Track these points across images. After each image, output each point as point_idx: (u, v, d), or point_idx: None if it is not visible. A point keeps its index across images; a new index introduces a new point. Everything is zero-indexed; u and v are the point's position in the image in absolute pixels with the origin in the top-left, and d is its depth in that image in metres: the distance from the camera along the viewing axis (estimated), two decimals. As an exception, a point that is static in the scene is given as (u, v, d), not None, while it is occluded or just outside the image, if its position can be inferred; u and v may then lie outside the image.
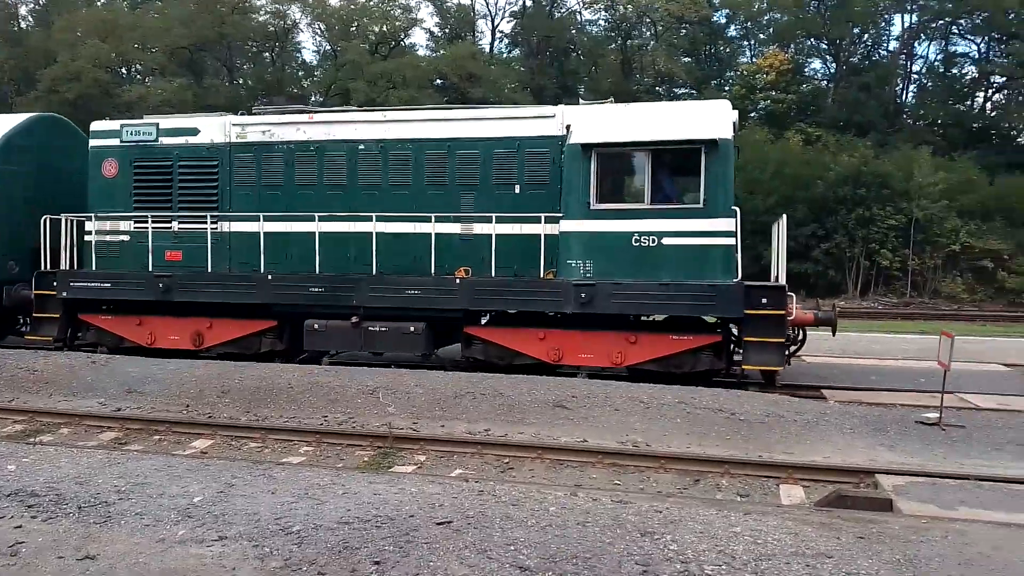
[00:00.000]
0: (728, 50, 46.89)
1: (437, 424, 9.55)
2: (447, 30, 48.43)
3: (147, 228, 13.36)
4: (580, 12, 47.26)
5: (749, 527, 5.63)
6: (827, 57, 44.64)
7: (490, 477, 7.80)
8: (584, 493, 6.61)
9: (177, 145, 13.63)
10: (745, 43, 46.93)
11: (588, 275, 11.56)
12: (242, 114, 14.32)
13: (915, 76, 43.72)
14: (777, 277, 11.78)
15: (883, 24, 43.66)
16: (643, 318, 12.07)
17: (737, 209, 11.29)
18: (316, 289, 12.56)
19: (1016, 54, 37.44)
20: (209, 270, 13.10)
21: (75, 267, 13.83)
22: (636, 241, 11.41)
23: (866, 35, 43.92)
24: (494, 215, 12.00)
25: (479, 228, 12.27)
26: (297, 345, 13.25)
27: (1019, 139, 40.09)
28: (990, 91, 42.55)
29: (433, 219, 12.20)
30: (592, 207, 11.53)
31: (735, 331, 11.84)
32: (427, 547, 5.20)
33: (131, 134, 13.83)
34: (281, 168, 13.24)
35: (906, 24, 42.55)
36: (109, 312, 13.89)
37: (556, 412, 9.69)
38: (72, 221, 13.79)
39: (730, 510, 6.14)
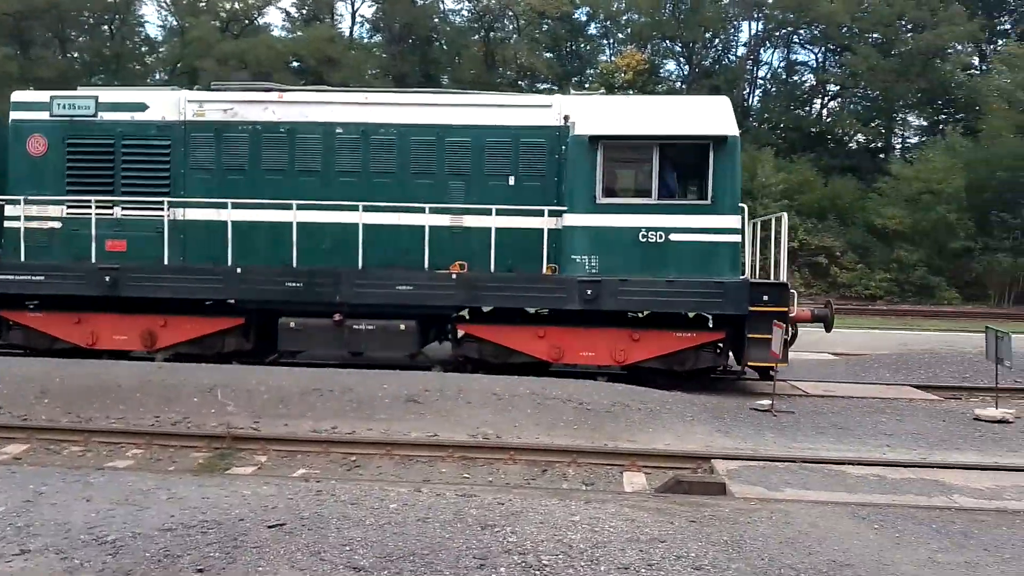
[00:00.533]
0: (588, 48, 48.03)
1: (281, 423, 9.14)
2: (304, 11, 46.76)
3: (84, 214, 11.81)
4: (443, 1, 47.00)
5: (588, 515, 5.71)
6: (681, 59, 46.63)
7: (334, 476, 7.55)
8: (429, 488, 6.50)
9: (121, 121, 12.16)
10: (605, 41, 48.23)
11: (593, 271, 11.22)
12: (198, 89, 13.21)
13: (760, 81, 46.44)
14: (778, 275, 11.66)
15: (732, 31, 46.10)
16: (639, 315, 11.72)
17: (744, 207, 11.46)
18: (293, 284, 11.47)
19: (848, 65, 40.47)
20: (166, 262, 11.71)
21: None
22: (643, 237, 11.17)
23: (717, 40, 46.20)
24: (494, 207, 11.34)
25: (470, 220, 11.63)
26: (265, 345, 12.20)
27: (850, 144, 43.41)
28: (826, 98, 45.87)
29: (427, 210, 11.39)
30: (598, 201, 11.23)
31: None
32: (256, 551, 4.92)
33: (63, 107, 12.23)
34: (246, 150, 12.06)
35: (753, 32, 45.13)
36: (38, 309, 12.20)
37: (408, 407, 9.51)
38: (15, 205, 12.01)
39: (572, 499, 6.21)
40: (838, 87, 44.45)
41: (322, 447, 8.38)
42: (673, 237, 11.13)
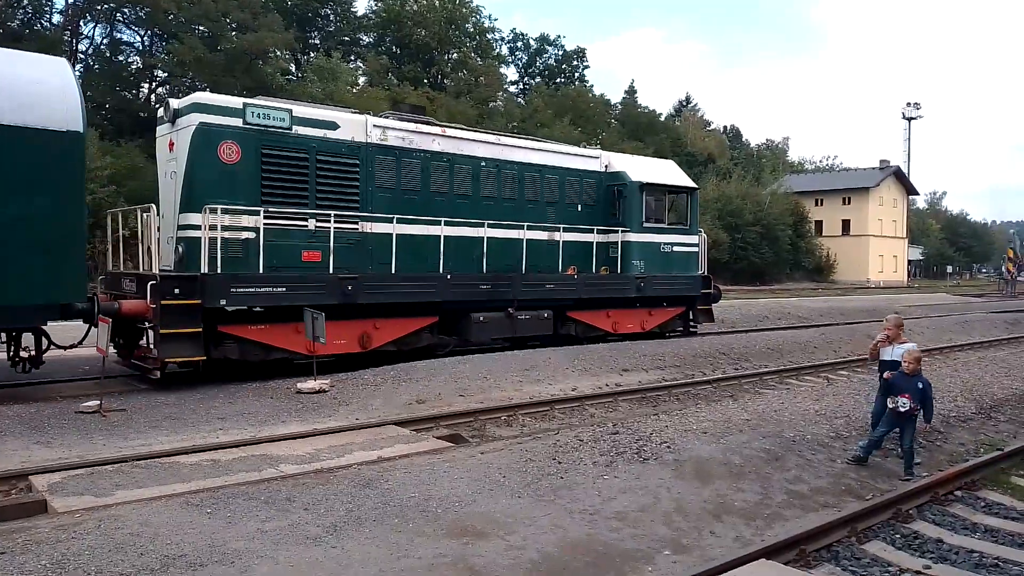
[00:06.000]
0: None
1: None
2: None
3: (281, 225, 12.20)
4: None
5: None
6: (-18, 15, 39.71)
7: None
8: None
9: (315, 137, 12.80)
10: None
11: (641, 271, 17.17)
12: (381, 116, 14.34)
13: (81, 56, 42.74)
14: (704, 271, 18.93)
15: (45, -6, 41.20)
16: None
17: (702, 229, 19.35)
18: (484, 286, 14.49)
19: (176, 53, 40.24)
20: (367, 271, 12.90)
21: (209, 269, 11.14)
22: (663, 248, 17.73)
23: (27, 1, 40.72)
24: (595, 227, 16.93)
25: (558, 236, 16.13)
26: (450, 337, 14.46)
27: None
28: (154, 83, 44.81)
29: (561, 229, 16.17)
30: (643, 225, 17.28)
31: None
32: None
33: (257, 116, 12.13)
34: (419, 174, 14.18)
35: (71, 1, 41.14)
36: (255, 321, 11.64)
37: None
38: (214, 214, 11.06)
39: None
40: (167, 73, 43.91)
41: None
42: (676, 249, 17.99)
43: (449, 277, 13.88)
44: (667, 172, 18.62)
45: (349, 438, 8.59)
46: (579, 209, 16.98)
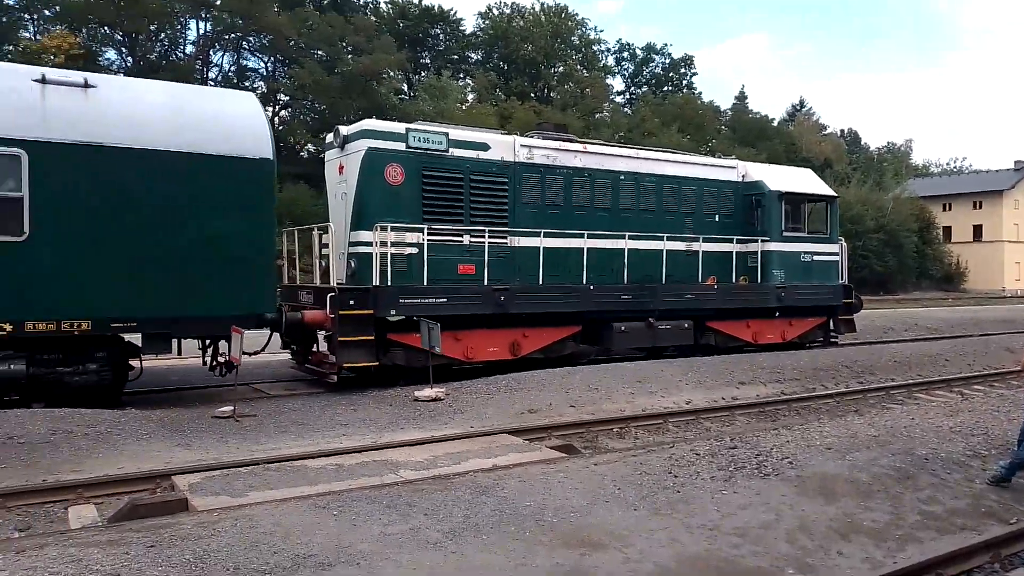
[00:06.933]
0: (5, 20, 41.00)
1: None
2: None
3: (441, 241, 13.04)
4: None
5: (22, 567, 4.89)
6: (123, 49, 43.07)
7: None
8: None
9: (468, 158, 13.59)
10: (27, 16, 41.78)
11: (781, 281, 16.96)
12: (527, 136, 15.04)
13: (211, 83, 45.54)
14: (844, 280, 18.50)
15: (179, 27, 44.30)
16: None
17: (842, 238, 18.75)
18: (625, 297, 14.69)
19: (296, 77, 42.32)
20: (533, 283, 13.80)
21: (380, 282, 12.22)
22: (804, 258, 17.46)
23: (163, 34, 43.87)
24: (734, 237, 16.83)
25: (696, 246, 16.24)
26: (592, 346, 14.76)
27: (301, 152, 45.52)
28: (277, 107, 47.27)
29: (701, 239, 16.27)
30: (783, 234, 17.08)
31: None
32: None
33: (418, 140, 13.05)
34: (562, 190, 14.67)
35: (202, 31, 44.04)
36: (413, 330, 12.11)
37: None
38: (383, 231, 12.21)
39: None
40: (288, 97, 46.23)
41: None
42: (816, 258, 17.71)
43: (592, 288, 14.31)
44: (805, 181, 18.44)
45: (465, 446, 8.76)
46: (717, 219, 16.98)
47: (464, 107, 46.56)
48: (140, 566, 4.93)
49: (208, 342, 11.59)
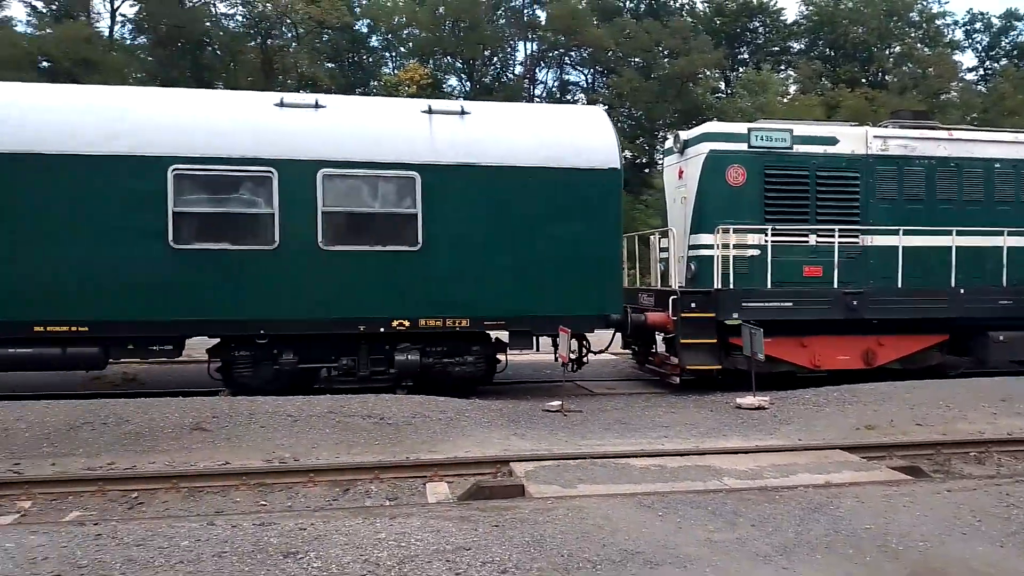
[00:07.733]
0: (371, 59, 47.81)
1: (47, 463, 8.20)
2: (54, 6, 42.33)
3: (784, 242, 12.58)
4: (214, 4, 44.59)
5: (394, 531, 5.68)
6: (462, 75, 47.77)
7: (115, 516, 6.90)
8: (224, 520, 6.13)
9: (814, 154, 12.97)
10: (387, 54, 48.28)
11: None
12: (880, 126, 13.86)
13: (537, 99, 48.70)
14: None
15: (509, 50, 48.05)
16: None
17: None
18: (1005, 301, 12.98)
19: (615, 86, 43.59)
20: (889, 285, 12.74)
21: (721, 285, 12.24)
22: None
23: (496, 58, 47.91)
24: None
25: None
26: (960, 358, 13.44)
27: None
28: (596, 116, 49.04)
29: None
30: None
31: None
32: (25, 612, 4.40)
33: (760, 139, 12.75)
34: (922, 182, 13.33)
35: (529, 52, 47.30)
36: (767, 335, 11.48)
37: (194, 436, 8.92)
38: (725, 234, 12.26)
39: (376, 517, 6.14)
40: (607, 107, 47.72)
41: (97, 485, 7.59)
42: None
43: (962, 291, 12.95)
44: None
45: (792, 458, 8.35)
46: None
47: (785, 99, 44.28)
48: (486, 543, 5.46)
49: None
